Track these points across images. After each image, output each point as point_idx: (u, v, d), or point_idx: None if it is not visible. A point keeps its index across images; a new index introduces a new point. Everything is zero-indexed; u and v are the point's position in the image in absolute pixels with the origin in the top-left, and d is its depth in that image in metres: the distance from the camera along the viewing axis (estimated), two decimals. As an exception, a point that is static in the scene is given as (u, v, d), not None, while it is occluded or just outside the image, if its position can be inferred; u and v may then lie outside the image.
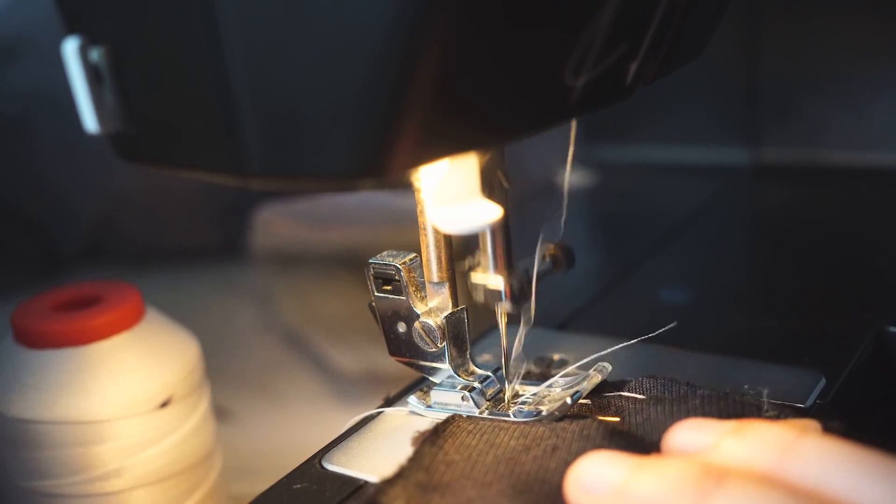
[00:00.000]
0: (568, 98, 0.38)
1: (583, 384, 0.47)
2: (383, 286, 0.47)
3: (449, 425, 0.45)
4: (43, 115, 0.93)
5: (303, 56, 0.32)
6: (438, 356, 0.47)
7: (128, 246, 1.01)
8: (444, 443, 0.44)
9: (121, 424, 0.51)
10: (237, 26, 0.33)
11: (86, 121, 0.38)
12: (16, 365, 0.52)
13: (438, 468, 0.42)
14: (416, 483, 0.41)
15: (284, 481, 0.44)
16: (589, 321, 0.59)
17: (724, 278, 0.66)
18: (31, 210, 0.99)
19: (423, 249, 0.46)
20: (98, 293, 0.55)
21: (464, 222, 0.41)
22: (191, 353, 0.55)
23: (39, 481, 0.52)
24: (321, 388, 0.80)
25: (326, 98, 0.33)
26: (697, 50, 0.47)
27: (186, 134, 0.37)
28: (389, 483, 0.41)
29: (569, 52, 0.36)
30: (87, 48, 0.37)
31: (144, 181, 0.94)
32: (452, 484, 0.40)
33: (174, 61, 0.35)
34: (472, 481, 0.40)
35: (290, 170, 0.35)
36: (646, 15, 0.39)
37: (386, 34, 0.31)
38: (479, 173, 0.41)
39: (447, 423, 0.45)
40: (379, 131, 0.33)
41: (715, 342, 0.53)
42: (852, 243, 0.69)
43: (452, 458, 0.42)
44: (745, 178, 0.86)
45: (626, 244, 0.74)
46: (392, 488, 0.40)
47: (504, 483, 0.40)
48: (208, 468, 0.56)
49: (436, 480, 0.41)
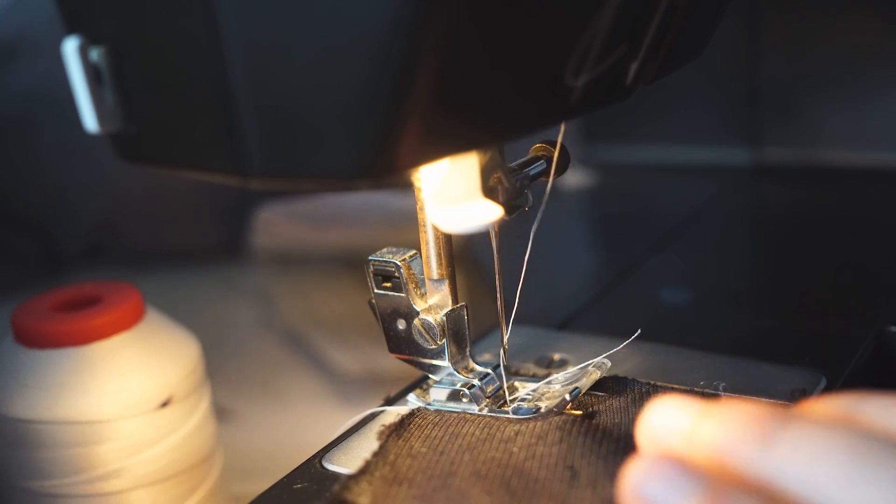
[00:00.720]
0: (568, 98, 0.38)
1: (581, 381, 0.47)
2: (383, 283, 0.47)
3: (414, 418, 0.46)
4: (43, 115, 0.93)
5: (302, 56, 0.32)
6: (438, 353, 0.47)
7: (128, 246, 1.01)
8: (409, 436, 0.44)
9: (121, 424, 0.51)
10: (237, 26, 0.33)
11: (86, 120, 0.38)
12: (16, 365, 0.52)
13: (404, 462, 0.42)
14: (382, 477, 0.41)
15: (285, 481, 0.44)
16: (589, 321, 0.59)
17: (725, 278, 0.66)
18: (31, 210, 0.99)
19: (423, 246, 0.46)
20: (98, 293, 0.55)
21: (464, 222, 0.41)
22: (191, 353, 0.55)
23: (40, 481, 0.52)
24: (321, 388, 0.80)
25: (326, 98, 0.33)
26: (698, 50, 0.47)
27: (186, 134, 0.37)
28: (354, 479, 0.41)
29: (569, 51, 0.36)
30: (87, 48, 0.37)
31: (145, 182, 0.94)
32: (417, 476, 0.41)
33: (174, 61, 0.35)
34: (436, 472, 0.41)
35: (289, 170, 0.35)
36: (646, 15, 0.39)
37: (386, 34, 0.31)
38: (479, 172, 0.41)
39: (412, 416, 0.46)
40: (379, 131, 0.33)
41: (716, 342, 0.53)
42: (853, 243, 0.69)
43: (418, 451, 0.43)
44: (745, 179, 0.86)
45: (626, 244, 0.74)
46: (357, 484, 0.40)
47: (467, 470, 0.40)
48: (209, 468, 0.56)
49: (401, 474, 0.41)
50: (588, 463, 0.40)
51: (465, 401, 0.47)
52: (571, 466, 0.40)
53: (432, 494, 0.39)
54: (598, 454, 0.41)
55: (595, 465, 0.40)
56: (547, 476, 0.40)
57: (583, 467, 0.40)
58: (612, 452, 0.41)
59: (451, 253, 0.46)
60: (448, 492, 0.39)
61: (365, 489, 0.40)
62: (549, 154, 0.45)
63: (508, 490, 0.39)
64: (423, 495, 0.39)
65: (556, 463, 0.40)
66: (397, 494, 0.40)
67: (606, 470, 0.40)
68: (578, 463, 0.40)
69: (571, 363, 0.51)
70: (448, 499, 0.39)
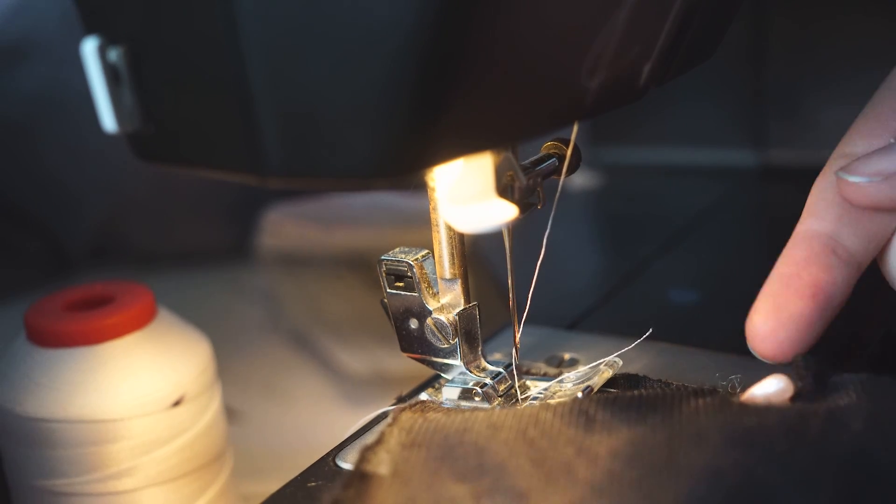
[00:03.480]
0: (582, 98, 0.38)
1: (593, 379, 0.47)
2: (395, 283, 0.47)
3: (419, 403, 0.46)
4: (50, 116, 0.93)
5: (321, 56, 0.32)
6: (450, 352, 0.47)
7: (135, 247, 1.01)
8: (423, 407, 0.45)
9: (133, 423, 0.52)
10: (256, 27, 0.33)
11: (104, 120, 0.38)
12: (29, 364, 0.52)
13: (419, 427, 0.42)
14: (399, 444, 0.41)
15: (299, 479, 0.44)
16: (598, 321, 0.59)
17: (732, 279, 0.66)
18: (38, 211, 0.99)
19: (436, 246, 0.46)
20: (110, 293, 0.55)
21: (478, 221, 0.41)
22: (203, 353, 0.56)
23: (52, 480, 0.52)
24: (328, 389, 0.81)
25: (345, 97, 0.33)
26: (710, 50, 0.47)
27: (204, 133, 0.37)
28: (371, 449, 0.41)
29: (584, 52, 0.37)
30: (106, 48, 0.37)
31: (151, 182, 0.95)
32: (435, 437, 0.41)
33: (193, 61, 0.35)
34: (451, 430, 0.41)
35: (308, 169, 0.35)
36: (660, 16, 0.40)
37: (405, 35, 0.32)
38: (494, 172, 0.41)
39: (418, 402, 0.46)
40: (397, 131, 0.33)
41: (725, 341, 0.53)
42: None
43: (433, 417, 0.43)
44: (751, 180, 0.86)
45: (633, 245, 0.74)
46: (375, 454, 0.41)
47: (482, 424, 0.41)
48: (220, 467, 0.56)
49: (418, 439, 0.41)
50: (603, 409, 0.40)
51: (477, 399, 0.47)
52: (586, 412, 0.40)
53: (450, 452, 0.39)
54: (612, 404, 0.41)
55: (611, 412, 0.40)
56: (563, 422, 0.40)
57: (598, 413, 0.40)
58: (625, 405, 0.41)
59: (463, 252, 0.46)
60: (465, 448, 0.39)
61: (384, 458, 0.40)
62: (560, 152, 0.46)
63: (525, 439, 0.39)
64: (441, 456, 0.39)
65: (571, 410, 0.41)
66: (417, 458, 0.39)
67: (622, 416, 0.40)
68: (594, 409, 0.40)
69: (582, 363, 0.51)
70: (466, 455, 0.39)
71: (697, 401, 0.41)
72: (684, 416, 0.40)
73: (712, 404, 0.41)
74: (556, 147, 0.46)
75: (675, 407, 0.41)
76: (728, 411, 0.39)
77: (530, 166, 0.44)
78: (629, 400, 0.41)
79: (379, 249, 0.49)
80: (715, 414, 0.39)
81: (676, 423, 0.39)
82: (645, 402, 0.41)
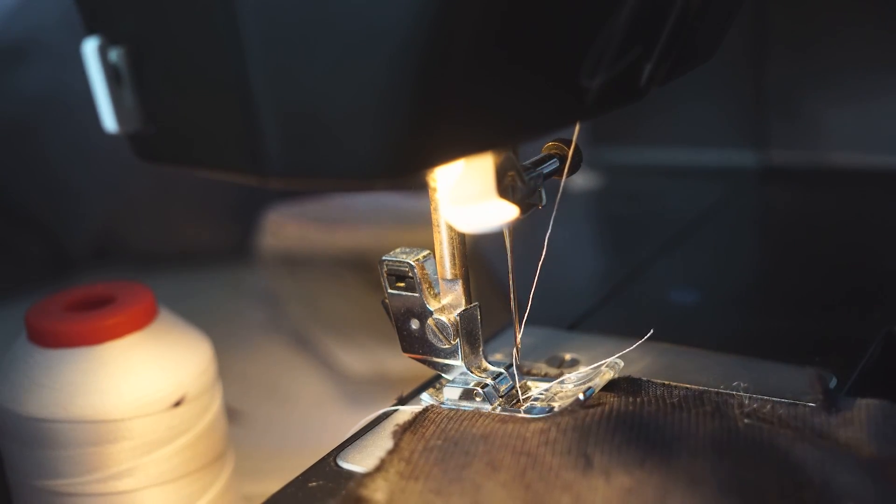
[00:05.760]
0: (583, 99, 0.38)
1: (595, 380, 0.47)
2: (396, 283, 0.47)
3: (428, 413, 0.46)
4: (52, 117, 0.94)
5: (323, 56, 0.33)
6: (451, 353, 0.47)
7: (136, 247, 1.01)
8: (424, 430, 0.45)
9: (134, 423, 0.52)
10: (257, 28, 0.33)
11: (104, 121, 0.38)
12: (30, 364, 0.52)
13: (419, 457, 0.42)
14: (397, 473, 0.41)
15: (300, 479, 0.44)
16: (599, 322, 0.59)
17: (734, 279, 0.66)
18: (39, 211, 0.99)
19: (437, 246, 0.46)
20: (111, 293, 0.55)
21: (479, 221, 0.41)
22: (204, 353, 0.56)
23: (53, 480, 0.52)
24: (329, 389, 0.81)
25: (346, 98, 0.33)
26: (711, 51, 0.47)
27: (205, 134, 0.37)
28: (370, 476, 0.41)
29: (585, 53, 0.37)
30: (107, 48, 0.37)
31: (152, 183, 0.95)
32: (433, 470, 0.41)
33: (194, 62, 0.35)
34: (451, 464, 0.41)
35: (309, 170, 0.35)
36: (661, 16, 0.40)
37: (406, 37, 0.32)
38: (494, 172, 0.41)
39: (426, 412, 0.46)
40: (398, 132, 0.33)
41: (726, 342, 0.53)
42: (860, 244, 0.69)
43: (434, 444, 0.43)
44: (752, 181, 0.86)
45: (634, 246, 0.74)
46: (373, 481, 0.41)
47: (482, 461, 0.41)
48: (221, 467, 0.56)
49: (417, 469, 0.41)
50: (601, 451, 0.41)
51: (478, 400, 0.47)
52: (585, 454, 0.40)
53: (447, 487, 0.40)
54: (611, 443, 0.41)
55: (609, 454, 0.40)
56: (561, 464, 0.40)
57: (596, 455, 0.40)
58: (625, 442, 0.41)
59: (464, 253, 0.46)
60: (462, 484, 0.40)
61: (381, 486, 0.40)
62: (561, 152, 0.46)
63: (523, 482, 0.39)
64: (438, 489, 0.40)
65: (570, 449, 0.41)
66: (413, 489, 0.40)
67: (620, 459, 0.40)
68: (592, 450, 0.41)
69: (583, 363, 0.51)
70: (462, 491, 0.39)
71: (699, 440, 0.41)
72: (683, 460, 0.40)
73: (713, 448, 0.41)
74: (557, 147, 0.46)
75: (674, 447, 0.41)
76: (727, 460, 0.40)
77: (531, 167, 0.44)
78: (628, 437, 0.41)
79: (380, 250, 0.49)
80: (714, 461, 0.40)
81: (673, 469, 0.39)
82: (644, 437, 0.41)
